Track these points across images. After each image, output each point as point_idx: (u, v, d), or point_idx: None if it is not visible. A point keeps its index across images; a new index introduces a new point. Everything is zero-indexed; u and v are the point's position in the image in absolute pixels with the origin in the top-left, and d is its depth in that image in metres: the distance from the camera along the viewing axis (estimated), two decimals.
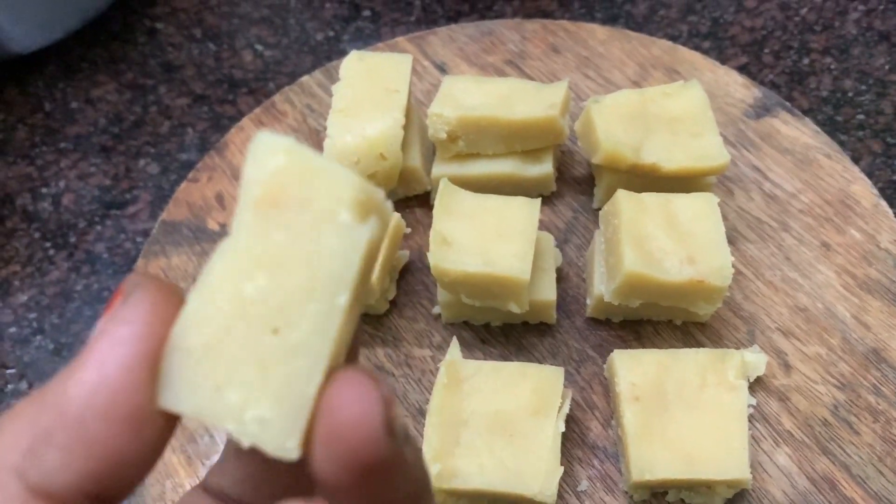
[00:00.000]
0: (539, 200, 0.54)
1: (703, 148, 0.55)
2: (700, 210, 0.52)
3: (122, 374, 0.18)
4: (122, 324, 0.18)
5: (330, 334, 0.19)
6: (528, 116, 0.56)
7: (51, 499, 0.17)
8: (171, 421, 0.19)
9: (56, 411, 0.17)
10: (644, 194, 0.52)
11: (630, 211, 0.51)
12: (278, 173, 0.19)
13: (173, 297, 0.19)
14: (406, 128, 0.57)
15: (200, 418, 0.19)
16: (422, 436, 0.51)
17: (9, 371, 0.60)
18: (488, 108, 0.57)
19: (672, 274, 0.49)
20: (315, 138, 0.66)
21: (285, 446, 0.18)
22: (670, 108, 0.57)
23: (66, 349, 0.60)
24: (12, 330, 0.62)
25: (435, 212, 0.52)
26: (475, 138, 0.58)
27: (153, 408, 0.18)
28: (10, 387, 0.59)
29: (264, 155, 0.19)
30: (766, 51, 0.75)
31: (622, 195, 0.52)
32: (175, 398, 0.18)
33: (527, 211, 0.52)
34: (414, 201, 0.63)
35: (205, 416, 0.19)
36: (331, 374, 0.19)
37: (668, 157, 0.55)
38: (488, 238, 0.51)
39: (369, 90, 0.58)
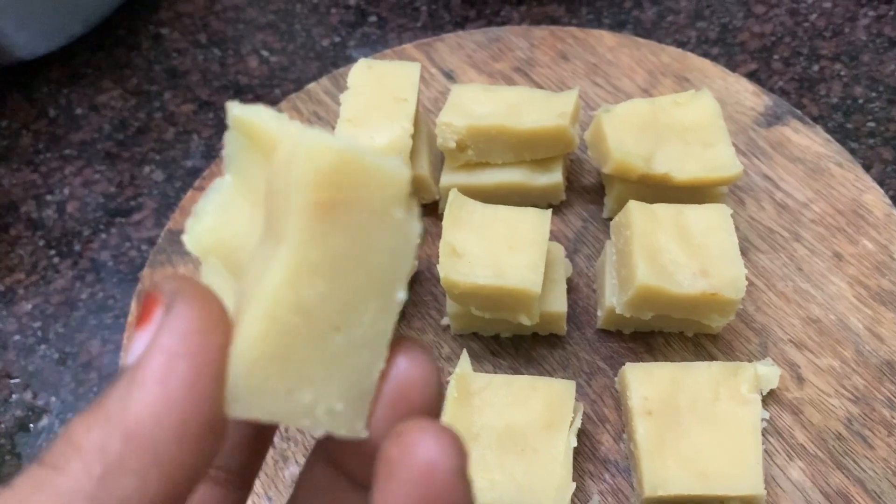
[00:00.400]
0: (549, 211, 0.53)
1: (716, 158, 0.54)
2: (713, 221, 0.51)
3: (189, 392, 0.17)
4: (176, 336, 0.18)
5: (389, 326, 0.20)
6: (538, 125, 0.56)
7: None
8: (226, 427, 0.19)
9: (124, 434, 0.17)
10: (656, 205, 0.52)
11: (642, 222, 0.51)
12: (330, 174, 0.18)
13: (215, 302, 0.19)
14: (414, 136, 0.57)
15: (273, 421, 0.19)
16: None
17: (13, 381, 0.59)
18: (497, 116, 0.56)
19: (685, 286, 0.49)
20: None
21: (355, 429, 0.20)
22: (681, 117, 0.56)
23: (70, 358, 0.60)
24: (16, 338, 0.61)
25: (444, 223, 0.52)
26: (484, 147, 0.57)
27: (221, 420, 0.18)
28: (14, 396, 0.58)
29: (309, 154, 0.18)
30: (776, 57, 0.74)
31: (634, 206, 0.51)
32: (246, 407, 0.19)
33: (537, 222, 0.52)
34: (422, 210, 0.62)
35: (278, 418, 0.19)
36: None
37: (680, 167, 0.54)
38: (499, 249, 0.50)
39: (377, 99, 0.58)
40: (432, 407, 0.19)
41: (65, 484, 0.17)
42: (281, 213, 0.19)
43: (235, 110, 0.21)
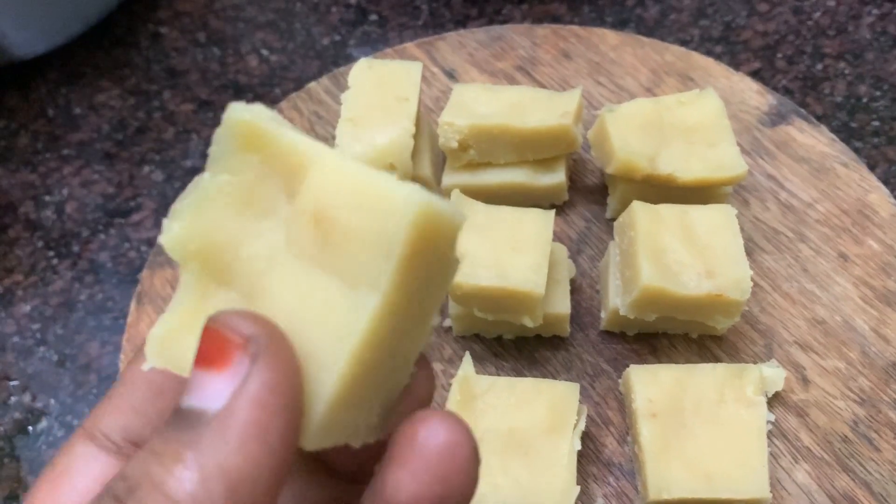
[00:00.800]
0: (553, 212, 0.53)
1: (720, 158, 0.54)
2: (718, 222, 0.50)
3: (283, 441, 0.18)
4: (268, 389, 0.18)
5: (422, 347, 0.22)
6: (541, 125, 0.55)
7: None
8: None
9: (227, 487, 0.17)
10: (660, 206, 0.51)
11: (646, 223, 0.50)
12: (419, 229, 0.19)
13: (292, 349, 0.19)
14: (416, 136, 0.56)
15: (334, 446, 0.20)
16: None
17: (12, 383, 0.59)
18: (500, 116, 0.56)
19: (690, 288, 0.48)
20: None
21: (378, 435, 0.21)
22: (686, 116, 0.56)
23: (69, 360, 0.59)
24: (15, 340, 0.61)
25: None
26: (487, 147, 0.57)
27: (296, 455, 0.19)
28: (13, 399, 0.58)
29: (393, 206, 0.19)
30: (780, 56, 0.74)
31: (638, 206, 0.51)
32: (320, 441, 0.19)
33: (541, 222, 0.51)
34: None
35: (338, 443, 0.20)
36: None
37: (685, 167, 0.53)
38: (502, 251, 0.50)
39: (378, 98, 0.57)
40: (471, 473, 0.20)
41: None
42: (359, 253, 0.19)
43: (242, 114, 0.21)
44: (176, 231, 0.21)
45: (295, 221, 0.20)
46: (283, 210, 0.21)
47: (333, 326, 0.19)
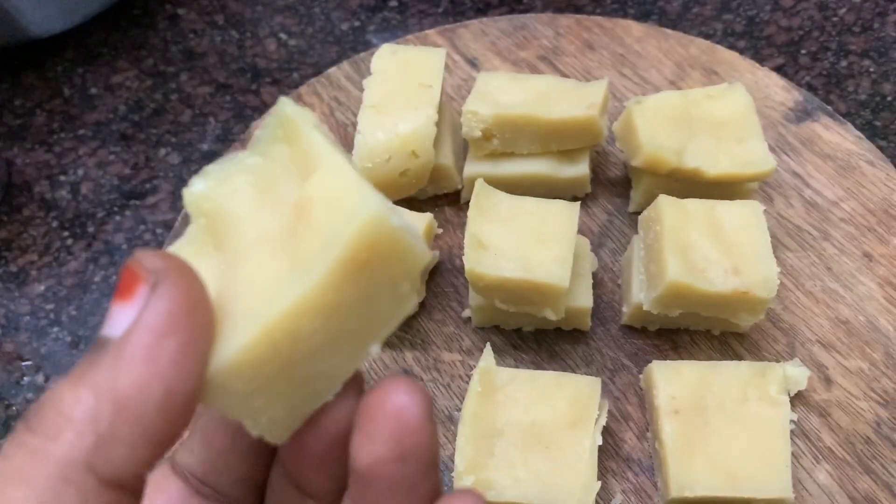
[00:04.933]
0: (578, 204, 0.52)
1: (748, 153, 0.53)
2: (745, 218, 0.50)
3: (174, 369, 0.18)
4: (163, 316, 0.19)
5: (352, 370, 0.22)
6: (567, 116, 0.54)
7: (120, 487, 0.19)
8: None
9: (114, 406, 0.18)
10: (687, 200, 0.51)
11: (673, 218, 0.49)
12: (373, 240, 0.19)
13: (199, 283, 0.20)
14: (438, 124, 0.56)
15: (225, 415, 0.21)
16: (451, 444, 0.50)
17: (25, 363, 0.58)
18: (525, 106, 0.55)
19: (716, 284, 0.47)
20: (342, 132, 0.64)
21: (281, 438, 0.22)
22: (714, 110, 0.55)
23: (83, 342, 0.59)
24: (28, 320, 0.60)
25: (470, 213, 0.50)
26: (510, 137, 0.56)
27: (199, 397, 0.20)
28: (26, 379, 0.58)
29: (364, 218, 0.19)
30: (803, 52, 0.73)
31: (664, 201, 0.50)
32: (213, 399, 0.20)
33: (566, 215, 0.51)
34: (444, 200, 0.61)
35: (230, 413, 0.21)
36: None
37: (712, 161, 0.53)
38: (526, 242, 0.49)
39: (401, 85, 0.57)
40: (424, 432, 0.21)
41: (59, 453, 0.18)
42: (312, 245, 0.20)
43: (288, 108, 0.22)
44: (198, 188, 0.22)
45: (286, 212, 0.22)
46: (288, 201, 0.22)
47: (262, 296, 0.20)
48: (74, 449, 0.18)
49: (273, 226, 0.22)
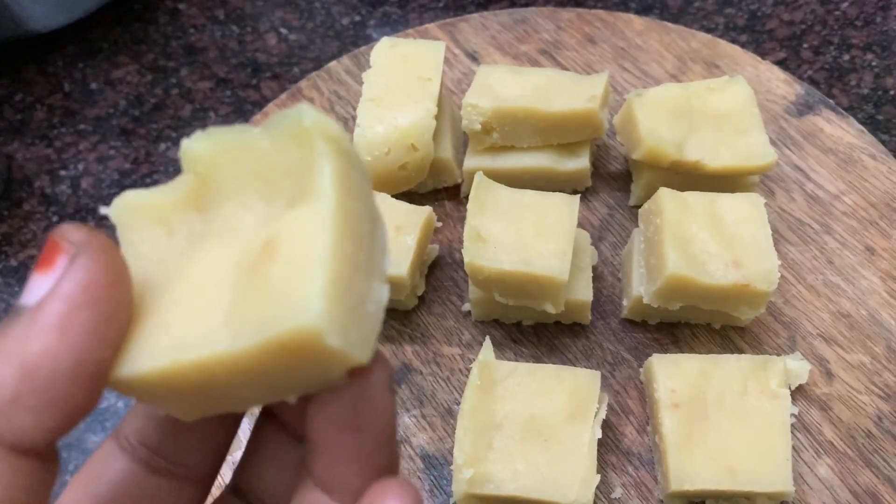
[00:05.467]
0: (578, 197, 0.52)
1: (749, 146, 0.53)
2: (746, 211, 0.50)
3: (87, 338, 0.18)
4: (79, 286, 0.19)
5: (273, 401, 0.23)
6: (567, 109, 0.54)
7: (25, 453, 0.18)
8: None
9: (21, 373, 0.18)
10: (687, 193, 0.51)
11: (673, 211, 0.49)
12: (295, 341, 0.19)
13: (119, 257, 0.20)
14: (437, 117, 0.56)
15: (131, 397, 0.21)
16: (451, 437, 0.50)
17: None
18: (525, 99, 0.55)
19: (717, 277, 0.47)
20: (343, 126, 0.64)
21: (194, 418, 0.22)
22: (715, 103, 0.55)
23: None
24: None
25: (469, 207, 0.50)
26: (510, 130, 0.56)
27: (111, 370, 0.19)
28: None
29: (295, 306, 0.19)
30: (805, 46, 0.73)
31: (665, 194, 0.50)
32: (118, 387, 0.20)
33: (566, 208, 0.51)
34: (444, 193, 0.61)
35: (138, 399, 0.21)
36: None
37: (713, 155, 0.53)
38: (525, 235, 0.49)
39: (401, 78, 0.56)
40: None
41: None
42: (253, 309, 0.19)
43: (308, 120, 0.21)
44: (197, 145, 0.22)
45: (262, 227, 0.21)
46: (273, 209, 0.21)
47: (191, 326, 0.20)
48: None
49: (246, 230, 0.21)
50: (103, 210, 0.22)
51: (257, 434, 0.26)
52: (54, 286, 0.19)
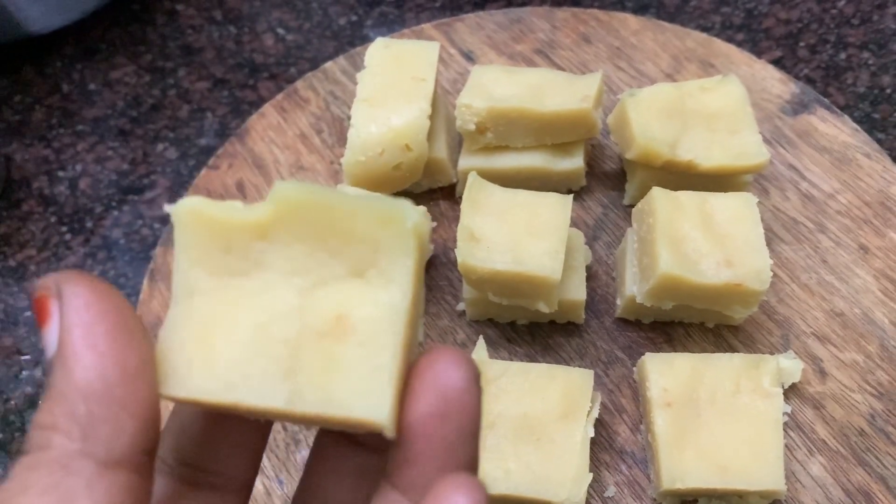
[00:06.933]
0: (571, 197, 0.52)
1: (742, 145, 0.53)
2: (738, 210, 0.50)
3: (116, 345, 0.20)
4: (80, 310, 0.20)
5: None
6: (561, 109, 0.54)
7: (120, 465, 0.19)
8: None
9: (82, 396, 0.19)
10: (680, 192, 0.51)
11: (665, 210, 0.49)
12: (359, 426, 0.22)
13: (92, 276, 0.21)
14: (432, 118, 0.56)
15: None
16: None
17: (24, 357, 0.59)
18: (519, 99, 0.55)
19: (709, 276, 0.47)
20: (338, 126, 0.64)
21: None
22: (708, 103, 0.55)
23: None
24: (27, 315, 0.60)
25: (463, 206, 0.50)
26: (504, 130, 0.56)
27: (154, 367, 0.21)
28: (24, 373, 0.58)
29: (370, 401, 0.21)
30: (802, 44, 0.73)
31: (657, 193, 0.50)
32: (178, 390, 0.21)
33: (558, 207, 0.51)
34: (439, 193, 0.61)
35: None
36: None
37: (706, 154, 0.53)
38: (518, 235, 0.49)
39: (395, 79, 0.57)
40: (468, 394, 0.21)
41: (55, 454, 0.19)
42: (319, 382, 0.21)
43: (411, 220, 0.22)
44: (290, 186, 0.22)
45: (328, 286, 0.22)
46: (337, 267, 0.22)
47: (246, 362, 0.21)
48: (66, 446, 0.19)
49: (310, 277, 0.22)
50: (167, 208, 0.22)
51: (320, 441, 0.27)
52: (61, 324, 0.20)
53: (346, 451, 0.25)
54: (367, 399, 0.20)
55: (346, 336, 0.21)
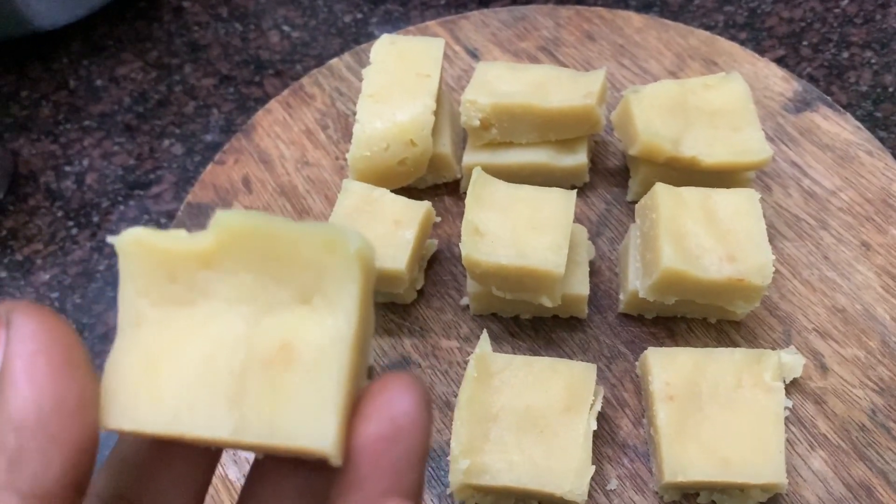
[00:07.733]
0: (574, 192, 0.52)
1: (744, 142, 0.53)
2: (741, 206, 0.50)
3: (56, 378, 0.20)
4: (25, 340, 0.20)
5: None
6: (564, 105, 0.55)
7: (45, 500, 0.19)
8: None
9: (14, 427, 0.19)
10: (683, 188, 0.51)
11: (668, 206, 0.50)
12: (309, 454, 0.21)
13: (44, 308, 0.21)
14: (436, 114, 0.56)
15: None
16: (448, 429, 0.50)
17: None
18: (523, 95, 0.55)
19: (711, 272, 0.48)
20: (343, 122, 0.65)
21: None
22: (711, 100, 0.55)
23: (87, 329, 0.60)
24: None
25: (467, 201, 0.51)
26: (509, 126, 0.56)
27: (95, 395, 0.21)
28: None
29: (317, 430, 0.21)
30: (805, 43, 0.73)
31: (661, 189, 0.51)
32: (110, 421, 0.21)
33: (562, 202, 0.51)
34: (443, 189, 0.61)
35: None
36: None
37: (709, 150, 0.53)
38: (522, 230, 0.50)
39: (400, 75, 0.57)
40: (419, 418, 0.21)
41: None
42: (264, 408, 0.21)
43: (353, 246, 0.22)
44: (231, 216, 0.22)
45: (273, 314, 0.22)
46: (283, 293, 0.22)
47: (191, 394, 0.21)
48: None
49: (257, 307, 0.22)
50: (109, 239, 0.22)
51: (260, 458, 0.26)
52: (5, 352, 0.20)
53: (288, 470, 0.25)
54: (312, 427, 0.20)
55: (292, 364, 0.21)
